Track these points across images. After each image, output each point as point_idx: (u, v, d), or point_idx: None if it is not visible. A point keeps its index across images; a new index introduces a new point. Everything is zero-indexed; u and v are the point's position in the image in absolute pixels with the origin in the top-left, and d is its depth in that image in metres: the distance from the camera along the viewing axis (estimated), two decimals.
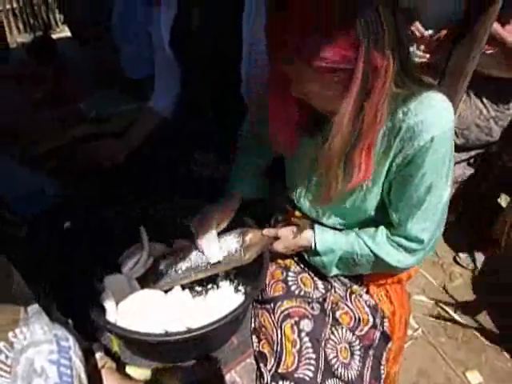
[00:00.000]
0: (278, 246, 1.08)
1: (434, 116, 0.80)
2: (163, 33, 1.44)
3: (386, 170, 0.90)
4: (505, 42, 1.62)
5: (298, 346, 0.95)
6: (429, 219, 0.92)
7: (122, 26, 2.04)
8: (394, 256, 0.98)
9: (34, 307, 0.71)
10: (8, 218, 1.29)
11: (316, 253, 1.05)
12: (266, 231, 1.07)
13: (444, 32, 1.68)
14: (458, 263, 2.36)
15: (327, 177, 0.88)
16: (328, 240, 1.03)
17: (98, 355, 0.91)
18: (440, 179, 0.86)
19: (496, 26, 1.58)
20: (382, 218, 1.00)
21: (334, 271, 1.07)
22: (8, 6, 5.96)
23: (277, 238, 1.07)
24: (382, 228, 1.00)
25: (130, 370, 1.03)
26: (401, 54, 0.75)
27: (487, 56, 1.75)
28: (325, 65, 0.71)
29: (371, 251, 0.98)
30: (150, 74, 1.65)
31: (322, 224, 1.08)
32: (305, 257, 1.11)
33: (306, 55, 0.71)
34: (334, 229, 1.07)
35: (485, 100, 1.92)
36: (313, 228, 1.06)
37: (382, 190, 0.94)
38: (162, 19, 1.44)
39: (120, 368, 0.99)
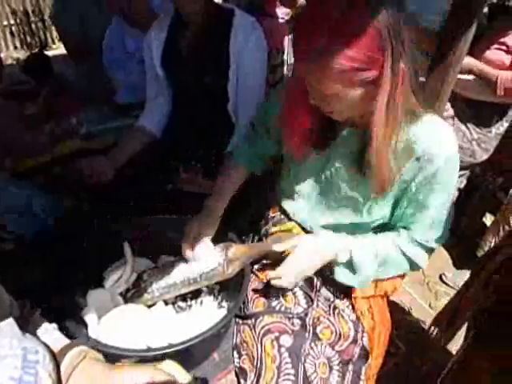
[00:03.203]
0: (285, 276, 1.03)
1: (447, 137, 0.92)
2: (154, 54, 1.48)
3: (399, 190, 0.98)
4: (486, 74, 1.71)
5: (277, 362, 0.96)
6: (441, 222, 1.03)
7: (112, 55, 2.11)
8: (422, 256, 1.07)
9: (8, 320, 0.70)
10: None
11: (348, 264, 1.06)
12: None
13: None
14: (444, 282, 2.38)
15: (381, 169, 0.91)
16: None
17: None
18: (452, 189, 0.98)
19: (469, 60, 1.68)
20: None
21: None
22: (5, 23, 6.03)
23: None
24: (402, 231, 1.06)
25: None
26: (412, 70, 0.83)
27: (470, 80, 1.82)
28: (353, 65, 0.76)
29: (401, 251, 1.05)
30: (139, 101, 1.69)
31: None
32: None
33: (336, 55, 0.75)
34: None
35: (467, 123, 1.98)
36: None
37: (393, 209, 1.03)
38: (154, 41, 1.48)
39: None
